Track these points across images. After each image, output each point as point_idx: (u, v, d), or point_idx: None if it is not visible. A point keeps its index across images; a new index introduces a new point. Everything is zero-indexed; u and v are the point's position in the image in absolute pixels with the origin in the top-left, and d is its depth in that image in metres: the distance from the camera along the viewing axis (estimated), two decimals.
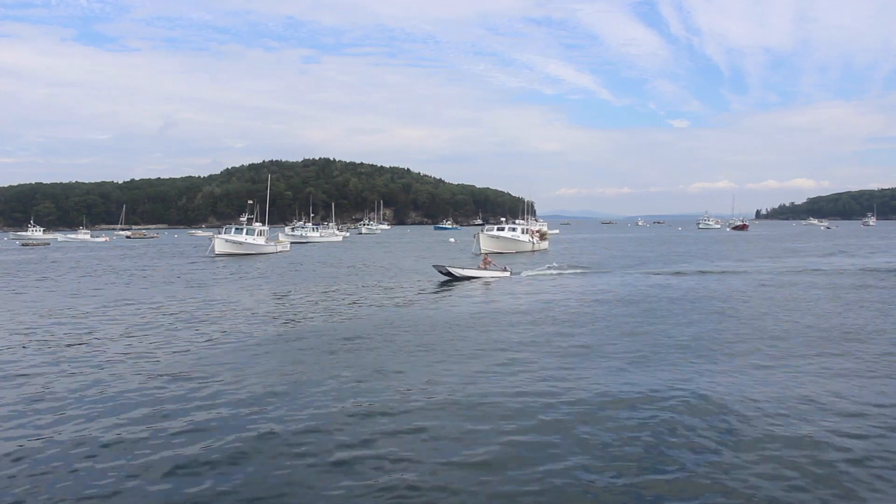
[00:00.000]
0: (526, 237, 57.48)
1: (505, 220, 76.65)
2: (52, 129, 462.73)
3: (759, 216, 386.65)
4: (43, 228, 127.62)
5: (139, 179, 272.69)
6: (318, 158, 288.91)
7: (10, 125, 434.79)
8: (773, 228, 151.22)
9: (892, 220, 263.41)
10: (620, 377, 11.54)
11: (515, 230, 58.32)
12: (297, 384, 11.34)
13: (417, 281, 30.25)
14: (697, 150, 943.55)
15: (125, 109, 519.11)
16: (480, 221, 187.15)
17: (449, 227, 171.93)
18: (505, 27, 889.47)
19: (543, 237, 63.76)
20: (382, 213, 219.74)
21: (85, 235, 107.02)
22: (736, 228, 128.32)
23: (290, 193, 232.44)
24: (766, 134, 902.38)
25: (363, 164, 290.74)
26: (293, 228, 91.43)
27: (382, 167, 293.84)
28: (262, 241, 58.17)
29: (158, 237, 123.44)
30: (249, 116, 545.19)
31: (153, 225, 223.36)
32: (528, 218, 77.07)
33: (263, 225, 63.45)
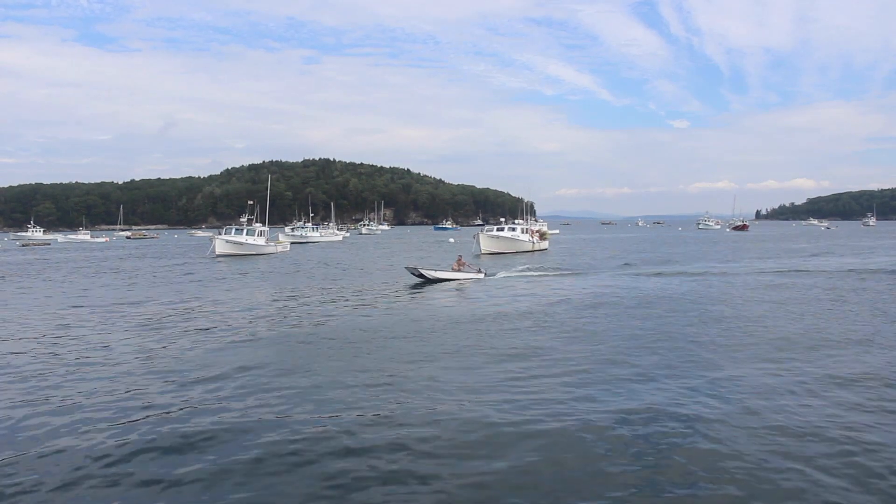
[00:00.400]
0: (526, 237, 57.47)
1: (505, 220, 76.54)
2: (52, 129, 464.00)
3: (759, 216, 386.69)
4: (43, 229, 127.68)
5: (139, 180, 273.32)
6: (318, 159, 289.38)
7: (10, 125, 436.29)
8: (772, 229, 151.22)
9: (892, 220, 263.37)
10: (561, 384, 10.94)
11: (515, 230, 58.28)
12: (277, 388, 11.35)
13: (390, 282, 29.62)
14: (697, 150, 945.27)
15: (125, 110, 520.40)
16: (480, 222, 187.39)
17: (449, 227, 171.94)
18: (505, 27, 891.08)
19: (543, 237, 63.74)
20: (382, 213, 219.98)
21: (85, 236, 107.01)
22: (736, 229, 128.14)
23: (290, 194, 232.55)
24: (766, 134, 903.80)
25: (363, 164, 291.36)
26: (293, 229, 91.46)
27: (382, 167, 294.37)
28: (262, 241, 58.38)
29: (158, 238, 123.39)
30: (250, 117, 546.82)
31: (153, 225, 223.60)
32: (527, 218, 76.91)
33: (263, 225, 63.59)
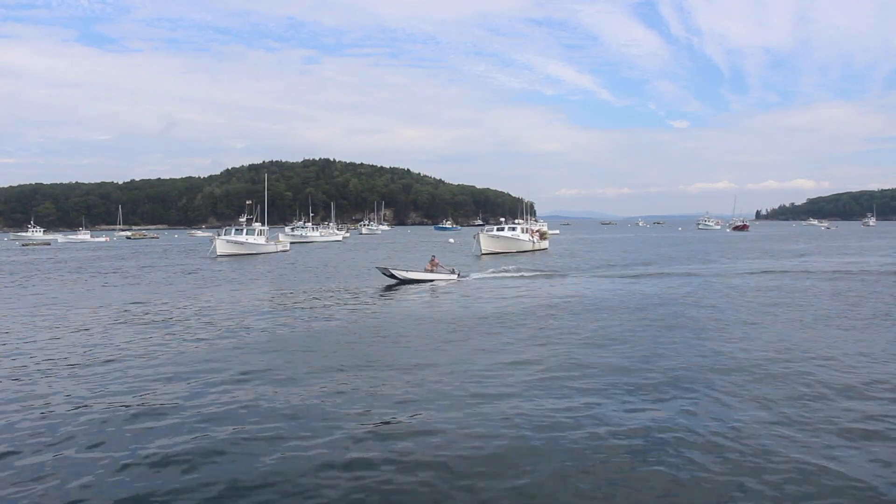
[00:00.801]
0: (526, 237, 57.48)
1: (505, 220, 76.56)
2: (52, 129, 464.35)
3: (759, 217, 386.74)
4: (43, 229, 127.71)
5: (139, 180, 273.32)
6: (318, 159, 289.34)
7: (10, 125, 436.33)
8: (772, 229, 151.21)
9: (892, 220, 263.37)
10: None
11: (515, 230, 58.32)
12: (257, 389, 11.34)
13: (364, 285, 29.92)
14: (698, 150, 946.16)
15: (126, 110, 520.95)
16: (480, 222, 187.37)
17: (449, 227, 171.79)
18: (505, 28, 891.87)
19: (543, 237, 63.78)
20: (382, 213, 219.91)
21: (85, 236, 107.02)
22: (736, 229, 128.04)
23: (290, 194, 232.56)
24: (766, 134, 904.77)
25: (363, 164, 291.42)
26: (293, 229, 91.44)
27: (382, 167, 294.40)
28: (262, 240, 59.00)
29: (158, 238, 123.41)
30: (250, 117, 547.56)
31: (153, 225, 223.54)
32: (528, 218, 76.95)
33: (263, 225, 64.05)
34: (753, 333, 15.64)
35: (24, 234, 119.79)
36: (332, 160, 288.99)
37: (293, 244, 70.75)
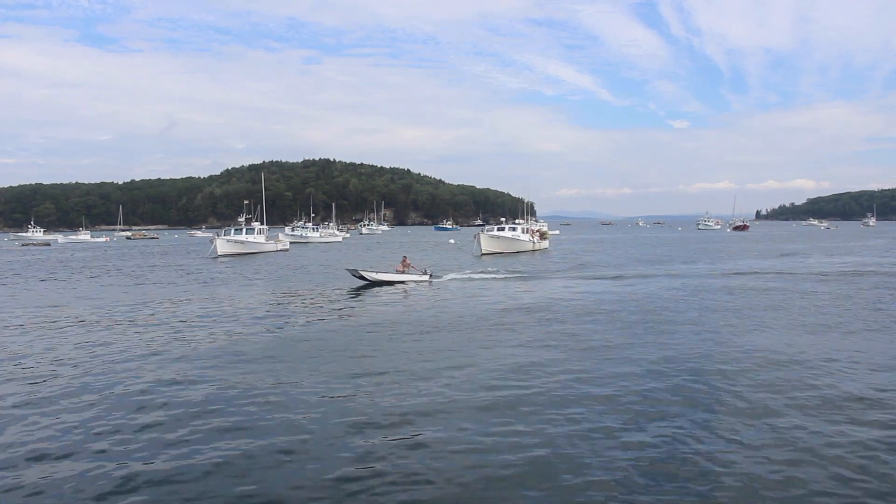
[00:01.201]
0: (526, 237, 57.55)
1: (505, 220, 76.56)
2: (53, 129, 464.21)
3: (759, 217, 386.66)
4: (43, 229, 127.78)
5: (139, 180, 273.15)
6: (318, 159, 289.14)
7: (11, 126, 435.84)
8: (772, 229, 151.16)
9: (892, 220, 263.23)
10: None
11: (516, 230, 58.40)
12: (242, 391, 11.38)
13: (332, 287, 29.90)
14: (698, 150, 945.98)
15: (126, 110, 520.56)
16: (480, 222, 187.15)
17: (449, 227, 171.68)
18: (506, 28, 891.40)
19: (544, 237, 63.85)
20: (382, 213, 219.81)
21: (85, 236, 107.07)
22: (736, 229, 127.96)
23: (290, 194, 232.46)
24: (766, 134, 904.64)
25: (363, 164, 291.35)
26: (293, 229, 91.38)
27: (382, 168, 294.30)
28: (262, 239, 59.49)
29: (159, 238, 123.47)
30: (250, 117, 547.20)
31: (153, 226, 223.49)
32: (528, 218, 76.99)
33: (262, 224, 64.57)
34: (713, 336, 15.36)
35: (24, 234, 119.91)
36: (332, 160, 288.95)
37: (293, 244, 70.94)
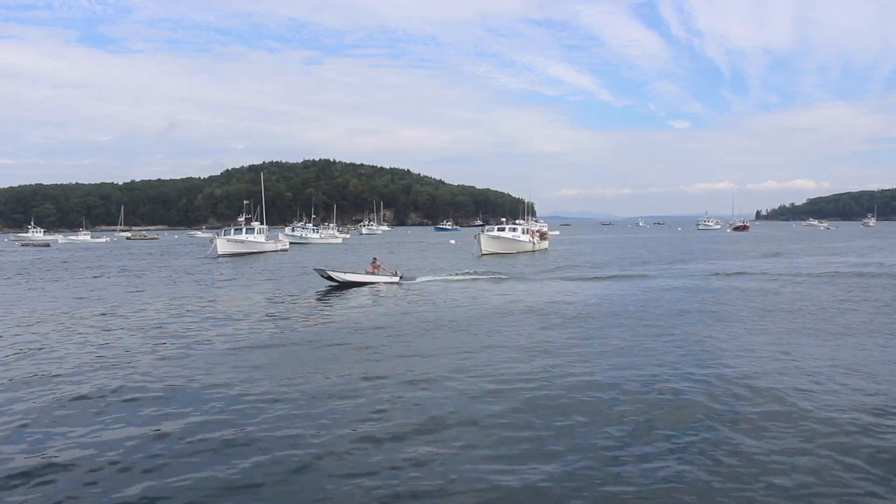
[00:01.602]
0: (526, 237, 57.56)
1: (505, 220, 76.61)
2: (53, 130, 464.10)
3: (759, 217, 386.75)
4: (43, 230, 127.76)
5: (139, 181, 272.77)
6: (318, 159, 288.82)
7: (11, 126, 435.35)
8: (772, 229, 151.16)
9: (892, 220, 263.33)
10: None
11: (516, 230, 58.42)
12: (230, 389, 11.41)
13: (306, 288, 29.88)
14: (698, 150, 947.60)
15: (127, 111, 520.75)
16: (480, 222, 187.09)
17: (449, 227, 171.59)
18: (506, 28, 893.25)
19: (544, 237, 63.84)
20: (382, 214, 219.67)
21: (85, 237, 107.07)
22: (736, 229, 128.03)
23: (290, 194, 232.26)
24: (766, 135, 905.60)
25: (363, 165, 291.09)
26: (293, 229, 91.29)
27: (382, 168, 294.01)
28: (262, 239, 59.75)
29: (159, 238, 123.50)
30: (251, 117, 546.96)
31: (153, 226, 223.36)
32: (528, 219, 77.03)
33: (262, 224, 64.79)
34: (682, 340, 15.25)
35: (24, 234, 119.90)
36: (332, 161, 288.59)
37: (292, 245, 71.03)
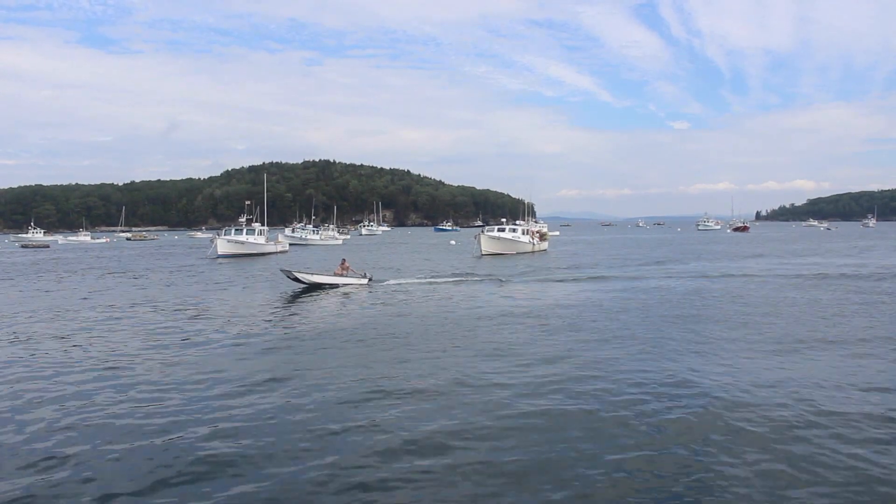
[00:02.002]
0: (526, 238, 57.61)
1: (505, 221, 76.65)
2: (53, 130, 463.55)
3: (759, 217, 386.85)
4: (43, 230, 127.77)
5: (139, 181, 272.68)
6: (318, 160, 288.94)
7: (12, 127, 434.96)
8: (772, 230, 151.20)
9: (892, 220, 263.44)
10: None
11: (516, 231, 58.47)
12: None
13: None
14: (698, 151, 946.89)
15: (127, 111, 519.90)
16: (480, 223, 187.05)
17: (449, 228, 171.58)
18: (506, 29, 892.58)
19: (543, 238, 63.87)
20: (382, 214, 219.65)
21: (85, 237, 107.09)
22: (737, 230, 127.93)
23: (290, 195, 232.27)
24: (766, 135, 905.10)
25: (363, 165, 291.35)
26: (293, 230, 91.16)
27: (382, 169, 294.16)
28: (262, 240, 59.51)
29: (159, 239, 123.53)
30: (251, 118, 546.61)
31: (153, 227, 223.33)
32: (528, 219, 77.05)
33: (263, 226, 64.57)
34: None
35: (24, 235, 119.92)
36: (332, 161, 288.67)
37: (292, 246, 71.00)
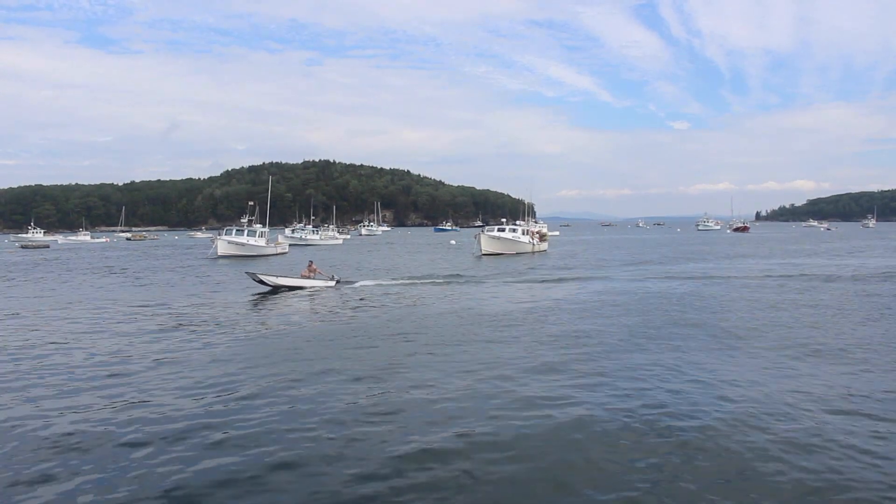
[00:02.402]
0: (526, 238, 57.62)
1: (505, 221, 76.64)
2: (54, 131, 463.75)
3: (759, 218, 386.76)
4: (43, 230, 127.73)
5: (139, 182, 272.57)
6: (318, 160, 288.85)
7: (12, 127, 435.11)
8: (772, 230, 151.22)
9: (892, 221, 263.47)
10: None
11: (516, 231, 58.47)
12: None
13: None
14: (698, 151, 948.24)
15: (127, 112, 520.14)
16: (480, 223, 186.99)
17: (448, 228, 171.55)
18: (506, 29, 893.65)
19: (543, 238, 63.87)
20: (382, 214, 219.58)
21: (85, 237, 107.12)
22: (737, 230, 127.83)
23: (290, 195, 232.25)
24: (766, 135, 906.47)
25: (363, 165, 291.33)
26: (293, 230, 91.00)
27: (382, 169, 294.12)
28: (262, 242, 59.03)
29: (158, 239, 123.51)
30: (251, 118, 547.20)
31: (153, 227, 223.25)
32: (528, 219, 77.02)
33: (263, 227, 64.19)
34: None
35: (24, 235, 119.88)
36: (332, 161, 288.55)
37: (292, 246, 70.76)
